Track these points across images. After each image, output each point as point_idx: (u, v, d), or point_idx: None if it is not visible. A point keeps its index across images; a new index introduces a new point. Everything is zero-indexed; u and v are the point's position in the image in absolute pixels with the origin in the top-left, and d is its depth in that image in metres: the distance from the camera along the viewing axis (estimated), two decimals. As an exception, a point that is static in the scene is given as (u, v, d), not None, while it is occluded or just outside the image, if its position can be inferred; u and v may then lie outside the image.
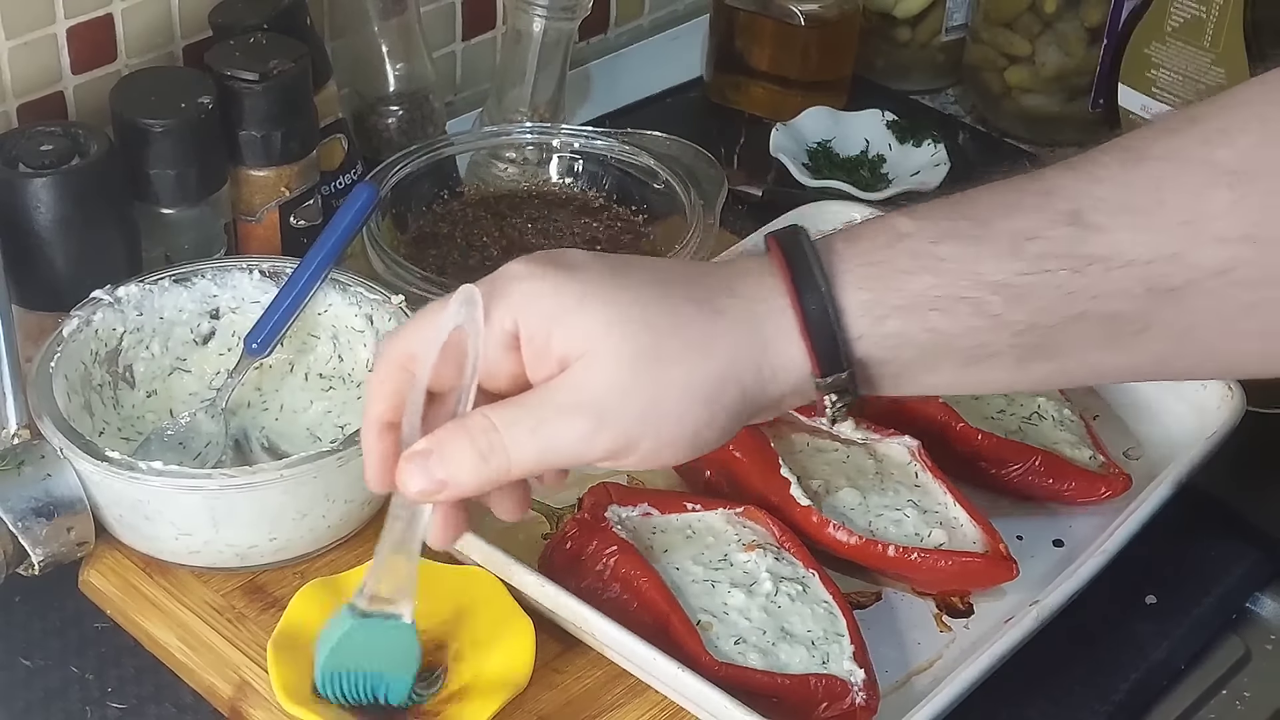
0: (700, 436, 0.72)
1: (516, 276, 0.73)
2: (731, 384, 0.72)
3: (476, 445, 0.72)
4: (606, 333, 0.71)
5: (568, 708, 0.89)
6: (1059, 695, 0.93)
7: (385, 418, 0.76)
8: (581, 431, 0.71)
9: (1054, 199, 0.71)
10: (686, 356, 0.71)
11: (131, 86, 1.07)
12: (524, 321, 0.72)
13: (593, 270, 0.73)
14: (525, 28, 1.28)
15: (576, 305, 0.71)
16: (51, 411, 0.94)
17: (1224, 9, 1.23)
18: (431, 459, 0.73)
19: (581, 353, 0.71)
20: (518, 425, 0.72)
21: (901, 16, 1.47)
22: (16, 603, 0.95)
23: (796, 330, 0.71)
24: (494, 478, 0.73)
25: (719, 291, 0.73)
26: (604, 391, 0.71)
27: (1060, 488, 1.00)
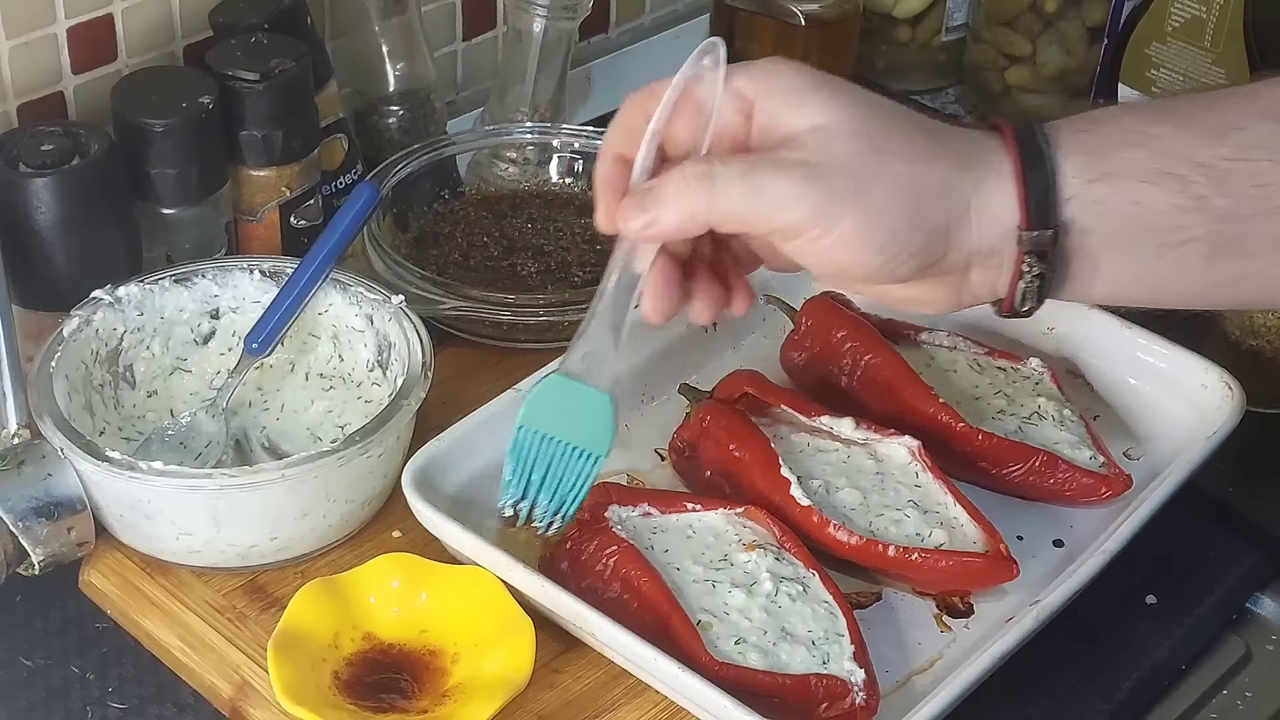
0: (893, 244, 0.74)
1: (764, 60, 0.77)
2: (940, 206, 0.74)
3: (686, 177, 0.74)
4: (839, 111, 0.74)
5: (568, 708, 0.89)
6: (1060, 695, 0.93)
7: (618, 149, 0.78)
8: (791, 187, 0.73)
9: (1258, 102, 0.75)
10: (907, 157, 0.74)
11: (132, 86, 1.07)
12: (762, 90, 0.75)
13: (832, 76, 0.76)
14: (526, 27, 1.28)
15: (815, 87, 0.75)
16: (52, 411, 0.94)
17: (1224, 9, 1.23)
18: (648, 194, 0.75)
19: (811, 125, 0.74)
20: (731, 166, 0.74)
21: (901, 16, 1.47)
22: (17, 602, 0.96)
23: (1012, 175, 0.74)
24: (695, 210, 0.74)
25: (944, 128, 0.76)
26: (826, 156, 0.73)
27: (1060, 488, 1.00)
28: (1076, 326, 1.10)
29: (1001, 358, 1.08)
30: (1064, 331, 1.10)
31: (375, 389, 1.04)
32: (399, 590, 0.91)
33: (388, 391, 1.01)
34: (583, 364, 0.81)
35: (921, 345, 1.09)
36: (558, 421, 0.82)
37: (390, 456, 0.97)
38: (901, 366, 1.04)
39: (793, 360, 1.09)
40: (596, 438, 0.83)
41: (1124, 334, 1.08)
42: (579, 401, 0.81)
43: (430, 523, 0.93)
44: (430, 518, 0.92)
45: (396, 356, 1.02)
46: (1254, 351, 1.10)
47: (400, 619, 0.90)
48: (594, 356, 0.81)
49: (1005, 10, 1.40)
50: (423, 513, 0.92)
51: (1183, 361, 1.06)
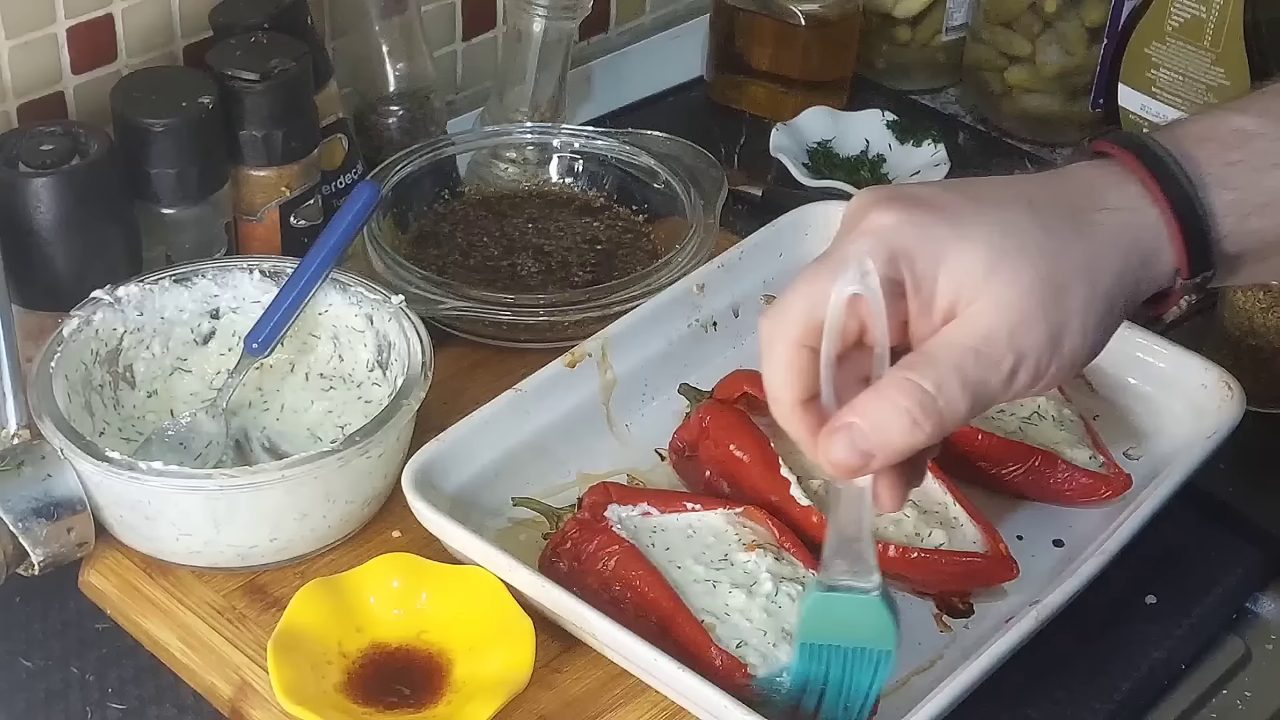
0: (1094, 350, 0.74)
1: (888, 227, 0.72)
2: (1119, 297, 0.73)
3: (905, 409, 0.71)
4: (994, 273, 0.71)
5: (568, 708, 0.89)
6: (1059, 695, 0.93)
7: (801, 397, 0.75)
8: (1004, 372, 0.71)
9: None
10: (1080, 281, 0.72)
11: (132, 86, 1.07)
12: (909, 274, 0.72)
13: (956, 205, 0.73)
14: (526, 27, 1.28)
15: (959, 249, 0.71)
16: (52, 412, 0.94)
17: (1224, 9, 1.23)
18: (855, 430, 0.72)
19: (975, 295, 0.71)
20: (947, 381, 0.71)
21: (901, 16, 1.47)
22: (17, 603, 0.95)
23: (1171, 238, 0.73)
24: (927, 439, 0.72)
25: (1085, 207, 0.73)
26: (1012, 328, 0.71)
27: (1060, 488, 1.00)
28: (1076, 326, 1.10)
29: (1001, 358, 1.08)
30: (1064, 331, 1.10)
31: (375, 389, 1.04)
32: (399, 590, 0.91)
33: (388, 391, 1.01)
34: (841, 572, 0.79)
35: (921, 345, 1.09)
36: (837, 631, 0.81)
37: (390, 457, 0.97)
38: (901, 366, 1.04)
39: (793, 360, 1.09)
40: (880, 634, 0.81)
41: (1124, 334, 1.07)
42: (849, 606, 0.80)
43: (430, 523, 0.93)
44: (430, 518, 0.92)
45: (396, 356, 1.02)
46: (1254, 351, 1.10)
47: (400, 619, 0.90)
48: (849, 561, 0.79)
49: (1005, 10, 1.40)
50: (423, 513, 0.92)
51: (1183, 361, 1.06)
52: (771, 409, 0.76)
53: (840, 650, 0.81)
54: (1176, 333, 1.09)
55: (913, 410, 0.71)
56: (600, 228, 1.23)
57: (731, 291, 1.12)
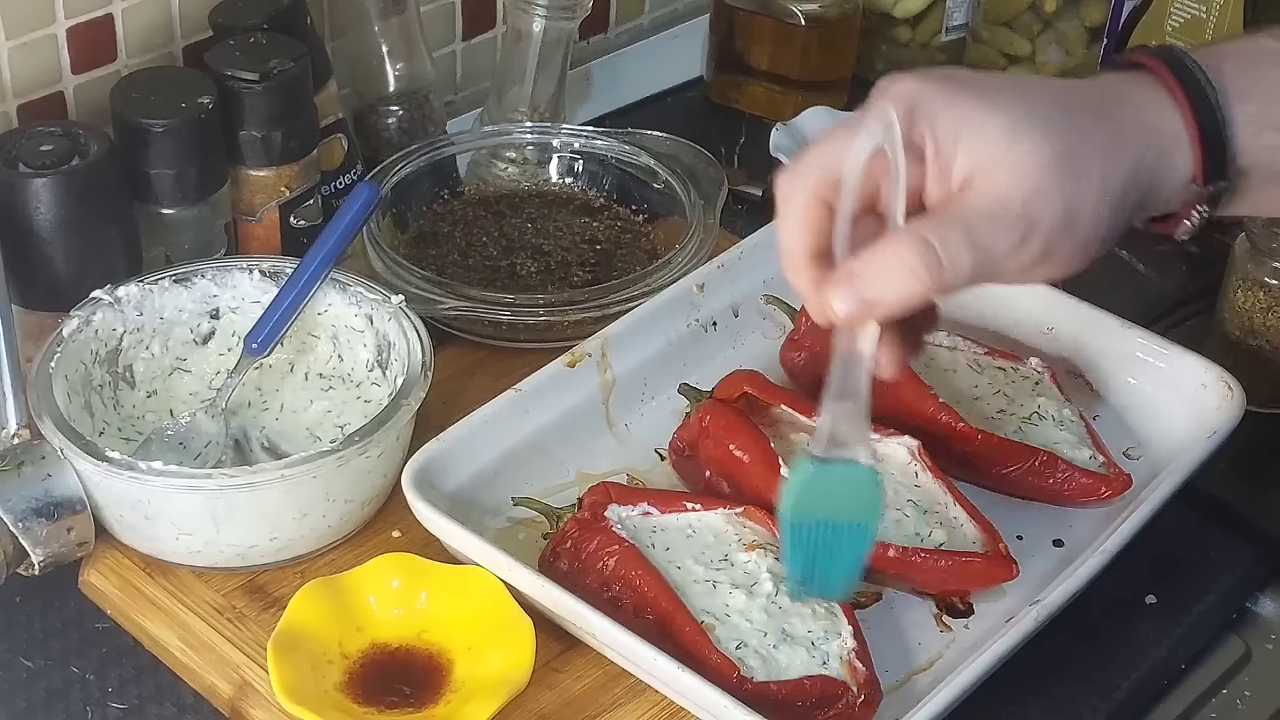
0: (1106, 240, 0.74)
1: (917, 92, 0.73)
2: (1133, 188, 0.74)
3: (909, 259, 0.72)
4: (1017, 143, 0.72)
5: (567, 707, 0.89)
6: (1059, 695, 0.93)
7: (811, 248, 0.75)
8: (1014, 238, 0.72)
9: None
10: (1097, 164, 0.73)
11: (131, 86, 1.07)
12: (930, 136, 0.73)
13: (985, 84, 0.74)
14: (525, 27, 1.28)
15: (982, 119, 0.72)
16: (52, 411, 0.94)
17: (1224, 9, 1.23)
18: (859, 279, 0.72)
19: (993, 165, 0.72)
20: (951, 236, 0.72)
21: (901, 16, 1.47)
22: (17, 603, 0.95)
23: (1189, 141, 0.74)
24: (925, 290, 0.72)
25: (1112, 103, 0.75)
26: (1026, 197, 0.72)
27: (1060, 488, 1.00)
28: (1076, 326, 1.10)
29: (1001, 358, 1.08)
30: (1064, 331, 1.10)
31: (375, 389, 1.04)
32: (399, 590, 0.91)
33: (387, 391, 1.01)
34: (834, 444, 0.79)
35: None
36: (824, 505, 0.80)
37: (390, 456, 0.97)
38: (901, 366, 1.04)
39: (793, 360, 1.09)
40: (866, 508, 0.81)
41: (1124, 334, 1.08)
42: (840, 479, 0.80)
43: (430, 523, 0.93)
44: (430, 518, 0.92)
45: (396, 356, 1.02)
46: (1254, 351, 1.10)
47: (400, 619, 0.90)
48: (844, 433, 0.79)
49: (1005, 10, 1.40)
50: (423, 513, 0.92)
51: (1183, 361, 1.06)
52: (781, 263, 0.76)
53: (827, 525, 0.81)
54: (1176, 333, 1.09)
55: (914, 261, 0.71)
56: (600, 228, 1.23)
57: (731, 291, 1.12)
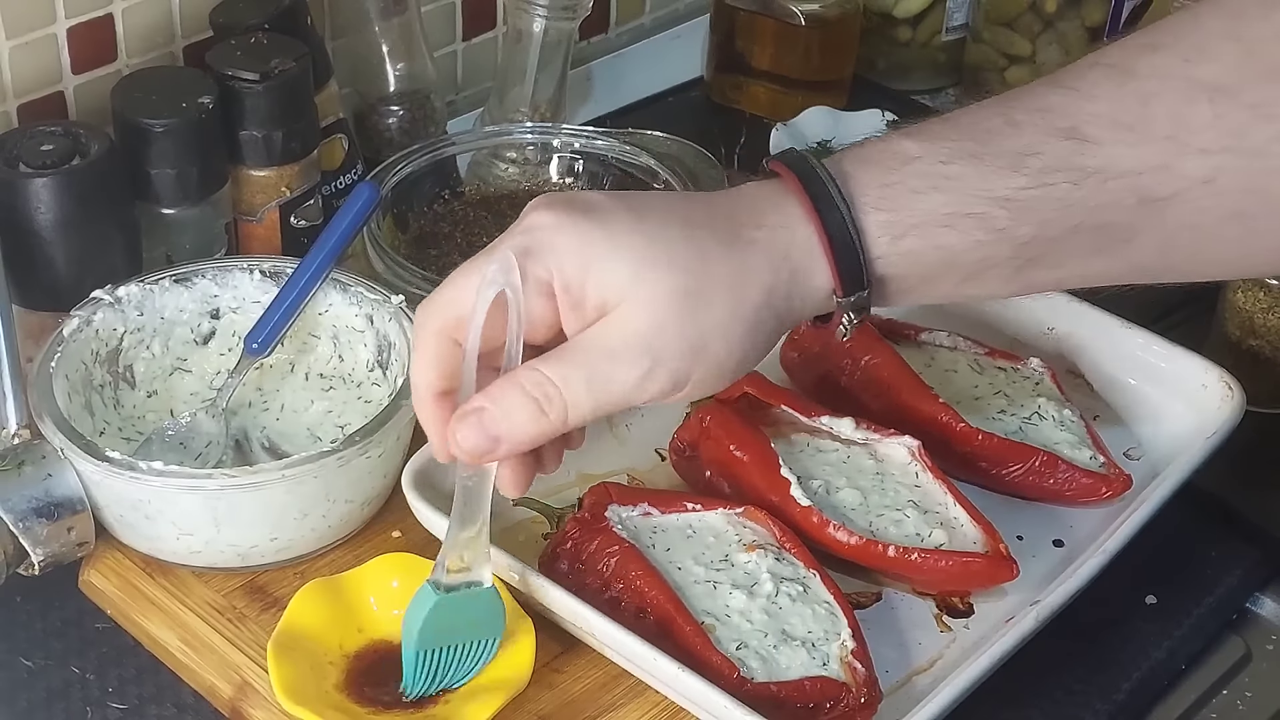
0: (744, 363, 0.76)
1: (544, 227, 0.75)
2: (767, 313, 0.75)
3: (532, 398, 0.74)
4: (640, 278, 0.73)
5: (567, 708, 0.89)
6: (1059, 695, 0.93)
7: (437, 387, 0.78)
8: (636, 374, 0.74)
9: (1051, 116, 0.75)
10: (724, 295, 0.74)
11: (132, 86, 1.07)
12: (558, 273, 0.74)
13: (615, 214, 0.75)
14: (526, 27, 1.28)
15: (608, 253, 0.74)
16: (52, 411, 0.94)
17: (1224, 9, 1.23)
18: (485, 415, 0.75)
19: (620, 299, 0.73)
20: (572, 376, 0.74)
21: (901, 16, 1.47)
22: (17, 603, 0.95)
23: (823, 256, 0.75)
24: (551, 430, 0.75)
25: (743, 224, 0.75)
26: (651, 333, 0.73)
27: (1060, 488, 1.00)
28: (1076, 326, 1.10)
29: (1001, 358, 1.08)
30: (1064, 331, 1.10)
31: (375, 389, 1.04)
32: (399, 590, 0.91)
33: (388, 391, 1.01)
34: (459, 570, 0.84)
35: (921, 345, 1.09)
36: (449, 630, 0.85)
37: (390, 456, 0.97)
38: (901, 366, 1.04)
39: (793, 360, 1.09)
40: (491, 624, 0.87)
41: (1124, 334, 1.08)
42: (466, 603, 0.85)
43: (430, 523, 0.93)
44: (430, 518, 0.92)
45: (396, 356, 1.02)
46: (1254, 351, 1.10)
47: (400, 619, 0.90)
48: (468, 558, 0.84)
49: (1005, 10, 1.40)
50: (423, 513, 0.92)
51: (1183, 361, 1.06)
52: (413, 399, 0.79)
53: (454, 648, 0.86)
54: (1176, 333, 1.09)
55: (540, 399, 0.74)
56: (600, 228, 1.23)
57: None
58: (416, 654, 0.85)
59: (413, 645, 0.85)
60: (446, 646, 0.86)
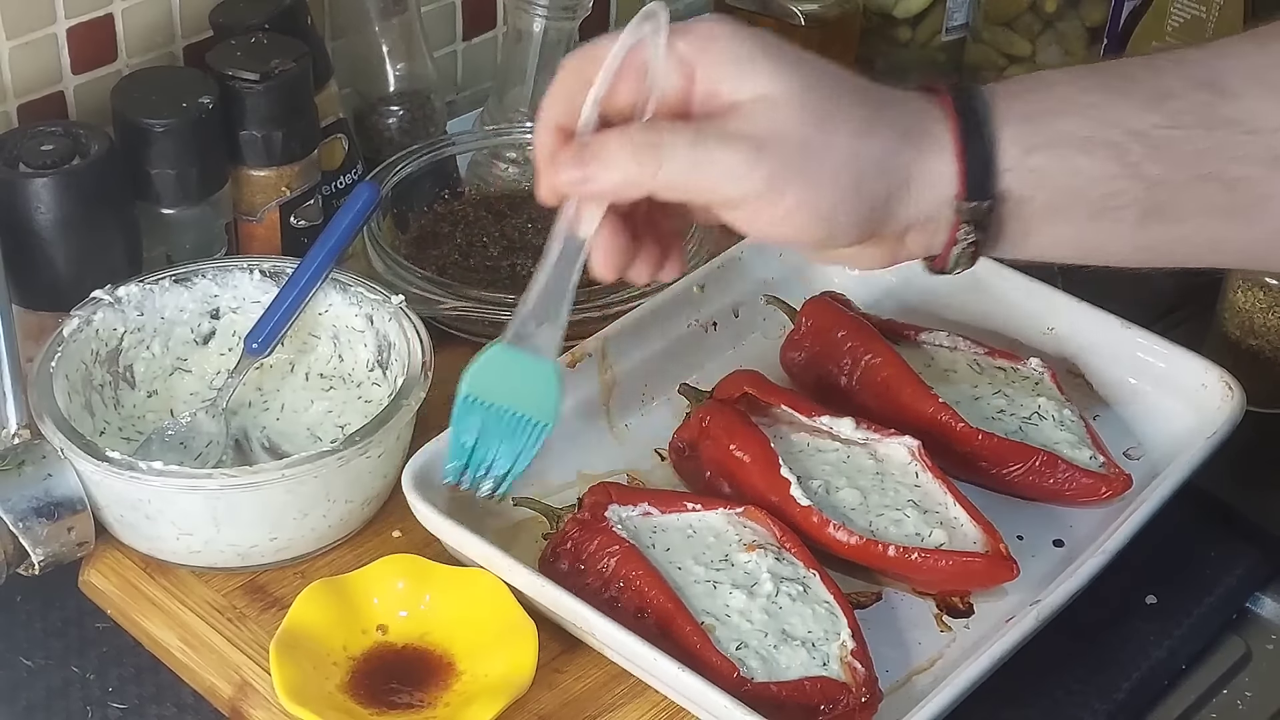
0: (837, 215, 0.74)
1: (708, 20, 0.76)
2: (881, 177, 0.74)
3: (634, 143, 0.74)
4: (782, 81, 0.74)
5: (568, 708, 0.89)
6: (1059, 695, 0.93)
7: (559, 120, 0.78)
8: (739, 157, 0.73)
9: (1191, 67, 0.75)
10: (851, 130, 0.74)
11: (132, 86, 1.07)
12: (707, 55, 0.75)
13: (777, 40, 0.76)
14: (526, 27, 1.28)
15: (759, 54, 0.74)
16: (52, 411, 0.94)
17: (1224, 9, 1.23)
18: (587, 149, 0.75)
19: (751, 97, 0.74)
20: (679, 135, 0.74)
21: (901, 16, 1.47)
22: (17, 603, 0.96)
23: (951, 147, 0.74)
24: (641, 177, 0.74)
25: (886, 97, 0.76)
26: (771, 128, 0.73)
27: (1060, 488, 1.00)
28: (1076, 326, 1.10)
29: (1001, 358, 1.08)
30: (1064, 331, 1.10)
31: (375, 389, 1.04)
32: (403, 592, 0.91)
33: (388, 391, 1.01)
34: (527, 333, 0.81)
35: (921, 345, 1.09)
36: (504, 390, 0.82)
37: (390, 456, 0.97)
38: (901, 366, 1.04)
39: (793, 360, 1.09)
40: (544, 407, 0.83)
41: (1124, 334, 1.08)
42: (525, 370, 0.82)
43: (430, 523, 0.93)
44: (430, 518, 0.92)
45: (396, 356, 1.02)
46: (1254, 351, 1.10)
47: (404, 620, 0.90)
48: (540, 325, 0.81)
49: (1005, 10, 1.40)
50: (423, 513, 0.92)
51: (1183, 361, 1.06)
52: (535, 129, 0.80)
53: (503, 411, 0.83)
54: (1176, 333, 1.09)
55: (638, 146, 0.74)
56: (600, 228, 1.23)
57: (731, 291, 1.12)
58: (462, 402, 0.82)
59: (460, 391, 0.82)
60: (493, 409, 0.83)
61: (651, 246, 0.80)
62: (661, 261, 0.81)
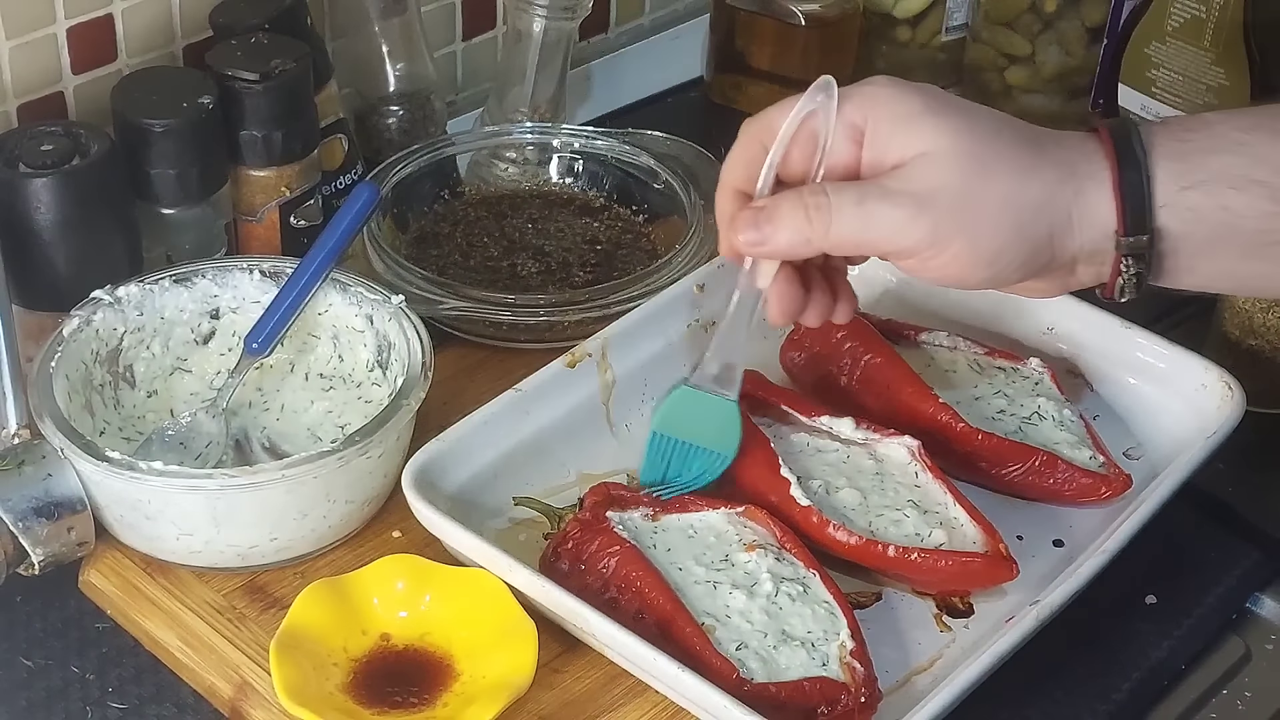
0: (1001, 259, 0.79)
1: (874, 83, 0.82)
2: (1043, 218, 0.78)
3: (804, 204, 0.79)
4: (942, 137, 0.79)
5: (568, 708, 0.89)
6: (1059, 695, 0.93)
7: (737, 184, 0.85)
8: (902, 214, 0.78)
9: None
10: (1011, 175, 0.78)
11: (132, 86, 1.07)
12: (873, 118, 0.80)
13: (939, 94, 0.81)
14: (525, 28, 1.28)
15: (921, 111, 0.79)
16: (52, 411, 0.94)
17: (1224, 9, 1.23)
18: (761, 213, 0.82)
19: (918, 152, 0.78)
20: (845, 195, 0.80)
21: (901, 16, 1.47)
22: (17, 603, 0.96)
23: (1109, 185, 0.78)
24: (810, 237, 0.80)
25: (1045, 138, 0.81)
26: (931, 184, 0.78)
27: (1060, 488, 1.00)
28: (1076, 326, 1.10)
29: (1001, 358, 1.08)
30: (1064, 331, 1.10)
31: (375, 389, 1.04)
32: (403, 592, 0.91)
33: (388, 391, 1.01)
34: (712, 375, 0.93)
35: (921, 345, 1.09)
36: (689, 427, 0.94)
37: (390, 457, 0.97)
38: (901, 366, 1.04)
39: (793, 360, 1.09)
40: (725, 439, 0.95)
41: (1124, 334, 1.08)
42: (708, 409, 0.94)
43: (430, 523, 0.93)
44: (430, 518, 0.92)
45: (396, 356, 1.02)
46: (1254, 351, 1.10)
47: (404, 621, 0.90)
48: (720, 366, 0.93)
49: (1005, 10, 1.40)
50: (423, 513, 0.92)
51: (1183, 361, 1.06)
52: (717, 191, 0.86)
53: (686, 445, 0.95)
54: (1176, 333, 1.09)
55: (809, 208, 0.79)
56: (600, 228, 1.23)
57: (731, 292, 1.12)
58: (653, 437, 0.94)
59: (652, 429, 0.94)
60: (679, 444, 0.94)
61: (823, 291, 0.86)
62: (833, 305, 0.87)
